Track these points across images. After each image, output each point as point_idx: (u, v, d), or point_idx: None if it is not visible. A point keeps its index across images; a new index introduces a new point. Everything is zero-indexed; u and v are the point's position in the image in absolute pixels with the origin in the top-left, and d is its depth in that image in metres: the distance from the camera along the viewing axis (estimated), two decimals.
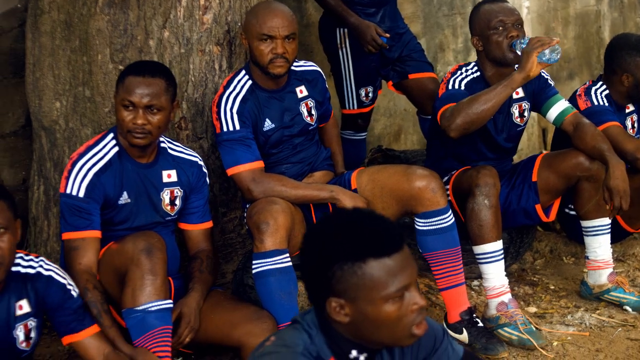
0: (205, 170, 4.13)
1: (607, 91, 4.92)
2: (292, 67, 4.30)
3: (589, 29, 7.96)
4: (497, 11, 4.42)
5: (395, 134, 6.72)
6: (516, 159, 4.92)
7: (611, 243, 4.85)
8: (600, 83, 4.97)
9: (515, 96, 4.56)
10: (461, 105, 4.19)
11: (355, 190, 4.20)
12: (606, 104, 4.84)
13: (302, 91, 4.36)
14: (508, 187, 4.62)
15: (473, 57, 6.99)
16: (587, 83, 5.03)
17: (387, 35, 5.08)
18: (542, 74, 4.59)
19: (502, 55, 4.40)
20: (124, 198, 3.92)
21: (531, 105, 4.62)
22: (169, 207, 4.00)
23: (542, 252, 5.18)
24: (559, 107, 4.56)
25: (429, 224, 4.09)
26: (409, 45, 5.37)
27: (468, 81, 4.42)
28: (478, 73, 4.48)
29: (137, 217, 3.96)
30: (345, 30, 5.19)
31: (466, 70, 4.48)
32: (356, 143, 5.46)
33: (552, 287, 4.78)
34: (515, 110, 4.57)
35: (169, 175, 4.01)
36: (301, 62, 4.43)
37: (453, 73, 4.46)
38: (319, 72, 4.46)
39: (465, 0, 7.02)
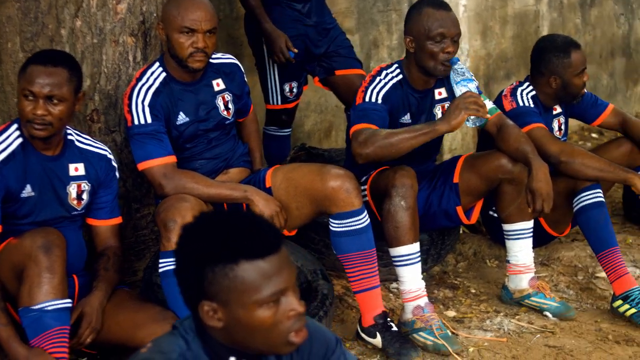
0: (115, 164, 3.99)
1: (533, 92, 4.84)
2: (210, 60, 4.16)
3: (527, 28, 7.89)
4: (440, 21, 4.28)
5: (326, 131, 6.60)
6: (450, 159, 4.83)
7: (535, 247, 4.79)
8: (527, 84, 4.89)
9: (438, 97, 4.46)
10: (377, 137, 4.10)
11: (269, 189, 4.08)
12: (532, 105, 4.75)
13: (218, 84, 4.23)
14: (429, 189, 4.52)
15: None
16: (514, 84, 4.95)
17: (296, 50, 5.01)
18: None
19: (434, 67, 4.29)
20: (27, 191, 3.77)
21: None
22: (75, 202, 3.86)
23: (465, 255, 5.09)
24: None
25: (342, 225, 3.99)
26: (336, 41, 5.26)
27: (387, 90, 4.30)
28: (400, 76, 4.38)
29: (42, 211, 3.82)
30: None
31: (386, 75, 4.37)
32: (280, 139, 5.35)
33: (473, 291, 4.69)
34: (438, 112, 4.47)
35: (76, 169, 3.88)
36: (219, 55, 4.29)
37: (371, 80, 4.34)
38: (237, 65, 4.33)
39: None
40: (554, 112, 4.94)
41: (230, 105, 4.24)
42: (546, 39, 4.96)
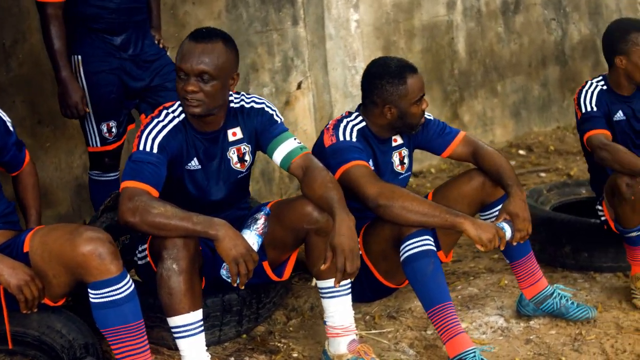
0: None
1: (362, 124, 4.22)
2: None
3: (439, 41, 7.29)
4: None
5: None
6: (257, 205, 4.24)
7: (373, 300, 4.21)
8: (356, 114, 4.27)
9: (232, 138, 3.87)
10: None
11: (26, 254, 3.53)
12: (353, 140, 4.12)
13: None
14: None
15: (294, 76, 6.34)
16: (343, 114, 4.32)
17: (88, 110, 4.54)
18: (268, 109, 3.93)
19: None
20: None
21: (253, 146, 3.93)
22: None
23: (300, 310, 4.48)
24: (285, 147, 3.87)
25: (99, 295, 3.42)
26: (161, 73, 4.70)
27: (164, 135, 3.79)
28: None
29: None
30: (80, 57, 4.54)
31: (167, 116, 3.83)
32: (105, 184, 4.79)
33: (295, 355, 4.09)
34: (233, 155, 3.89)
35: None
36: None
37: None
38: None
39: (283, 16, 6.35)
40: (394, 144, 4.33)
41: None
42: (377, 63, 4.30)
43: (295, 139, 3.89)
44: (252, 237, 3.64)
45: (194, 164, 3.82)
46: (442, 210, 3.90)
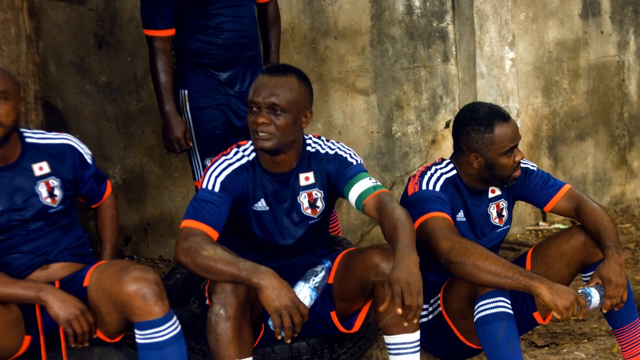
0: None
1: (452, 173, 4.00)
2: (31, 140, 3.72)
3: (607, 82, 6.91)
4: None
5: None
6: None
7: None
8: (447, 162, 4.07)
9: (304, 182, 3.76)
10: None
11: (85, 289, 3.56)
12: (437, 189, 3.91)
13: (41, 168, 3.76)
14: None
15: (442, 114, 6.18)
16: (436, 161, 4.12)
17: (191, 144, 4.53)
18: (342, 152, 3.80)
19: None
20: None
21: (326, 192, 3.81)
22: None
23: None
24: (359, 187, 3.73)
25: (143, 337, 3.41)
26: None
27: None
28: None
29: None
30: (187, 92, 4.57)
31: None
32: None
33: None
34: (304, 200, 3.78)
35: None
36: (50, 135, 3.82)
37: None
38: (70, 145, 3.83)
39: (432, 53, 6.20)
40: (491, 195, 4.09)
41: (56, 192, 3.75)
42: (467, 108, 4.08)
43: (370, 178, 3.73)
44: (305, 290, 3.51)
45: (261, 205, 3.75)
46: (516, 271, 3.64)
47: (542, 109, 6.62)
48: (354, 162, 3.79)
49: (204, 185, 3.64)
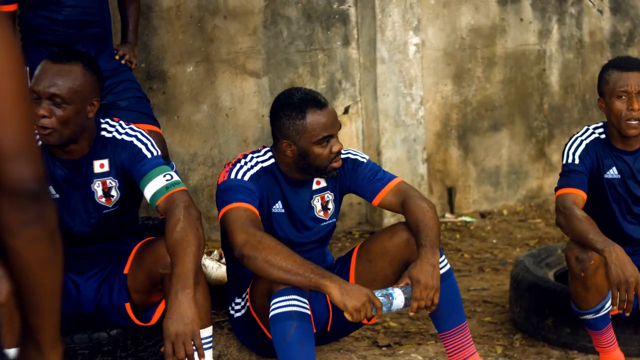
0: None
1: (271, 161, 3.79)
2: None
3: (526, 71, 6.66)
4: None
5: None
6: None
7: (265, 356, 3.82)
8: (266, 150, 3.83)
9: (98, 169, 3.58)
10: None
11: None
12: (245, 179, 3.69)
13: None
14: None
15: (341, 99, 5.97)
16: (259, 149, 3.89)
17: None
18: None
19: None
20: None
21: (122, 182, 3.64)
22: None
23: None
24: (153, 186, 3.55)
25: None
26: (115, 91, 4.47)
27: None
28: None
29: None
30: (28, 69, 4.38)
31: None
32: None
33: None
34: (98, 188, 3.60)
35: None
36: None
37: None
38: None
39: (331, 35, 5.98)
40: (316, 187, 3.86)
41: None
42: (282, 94, 3.84)
43: (165, 175, 3.55)
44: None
45: (52, 192, 3.58)
46: (307, 268, 3.43)
47: (452, 97, 6.39)
48: (149, 155, 3.60)
49: None
